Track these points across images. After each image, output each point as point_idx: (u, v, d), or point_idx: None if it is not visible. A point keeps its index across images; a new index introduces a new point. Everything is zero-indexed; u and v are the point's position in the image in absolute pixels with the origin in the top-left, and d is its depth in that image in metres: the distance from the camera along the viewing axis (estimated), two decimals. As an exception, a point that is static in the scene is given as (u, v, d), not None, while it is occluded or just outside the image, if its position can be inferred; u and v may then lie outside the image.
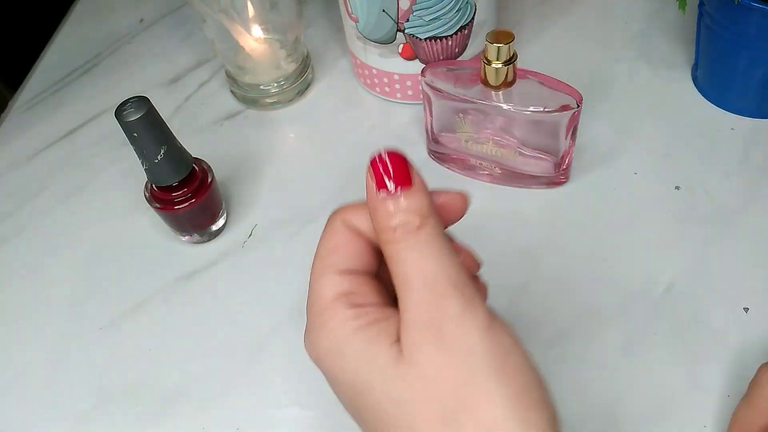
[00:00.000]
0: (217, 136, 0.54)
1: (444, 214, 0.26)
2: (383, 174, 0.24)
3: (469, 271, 0.28)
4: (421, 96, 0.46)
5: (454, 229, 0.29)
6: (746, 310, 0.39)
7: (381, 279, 0.27)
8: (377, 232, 0.25)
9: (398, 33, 0.48)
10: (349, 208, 0.27)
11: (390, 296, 0.27)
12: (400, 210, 0.24)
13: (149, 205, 0.43)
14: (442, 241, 0.24)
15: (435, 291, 0.23)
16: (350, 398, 0.25)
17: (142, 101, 0.38)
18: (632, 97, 0.52)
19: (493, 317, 0.24)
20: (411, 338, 0.23)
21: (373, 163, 0.25)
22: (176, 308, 0.43)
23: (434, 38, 0.47)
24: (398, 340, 0.23)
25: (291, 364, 0.40)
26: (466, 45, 0.49)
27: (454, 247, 0.26)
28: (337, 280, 0.25)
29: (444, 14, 0.46)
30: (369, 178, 0.25)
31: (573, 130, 0.42)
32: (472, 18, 0.48)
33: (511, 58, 0.40)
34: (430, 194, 0.25)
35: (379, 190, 0.24)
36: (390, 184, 0.24)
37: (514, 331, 0.24)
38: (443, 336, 0.22)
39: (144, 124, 0.38)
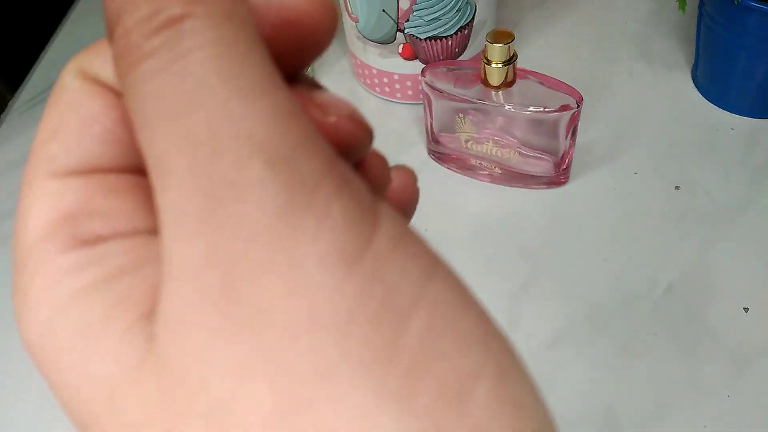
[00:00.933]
0: (217, 136, 0.54)
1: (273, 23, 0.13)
2: None
3: (372, 174, 0.15)
4: (421, 96, 0.46)
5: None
6: (746, 310, 0.39)
7: None
8: (111, 49, 0.12)
9: (398, 33, 0.48)
10: (92, 48, 0.13)
11: None
12: None
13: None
14: (246, 48, 0.11)
15: (215, 175, 0.10)
16: (74, 419, 0.12)
17: (142, 101, 0.38)
18: (632, 97, 0.52)
19: (375, 216, 0.11)
20: (169, 304, 0.11)
21: None
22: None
23: (434, 38, 0.48)
24: (144, 314, 0.12)
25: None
26: (466, 45, 0.49)
27: (319, 102, 0.13)
28: (57, 189, 0.13)
29: (444, 14, 0.46)
30: None
31: (573, 130, 0.42)
32: (472, 18, 0.48)
33: (511, 58, 0.40)
34: None
35: None
36: None
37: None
38: (238, 297, 0.10)
39: (144, 124, 0.38)
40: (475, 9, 0.47)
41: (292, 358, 0.10)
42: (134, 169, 0.13)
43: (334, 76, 0.57)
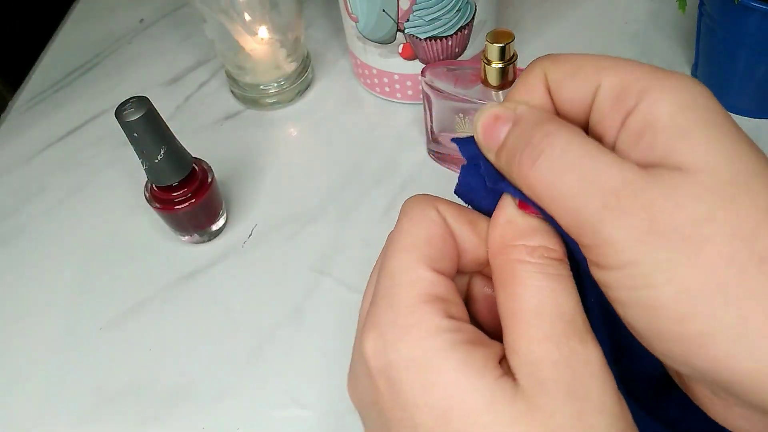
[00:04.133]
0: (217, 136, 0.54)
1: None
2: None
3: None
4: (421, 96, 0.46)
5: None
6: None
7: None
8: (499, 246, 0.21)
9: (398, 33, 0.48)
10: (446, 202, 0.23)
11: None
12: (545, 233, 0.20)
13: (149, 205, 0.43)
14: (577, 291, 0.20)
15: (573, 331, 0.19)
16: (428, 424, 0.19)
17: (142, 101, 0.38)
18: (632, 97, 0.52)
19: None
20: (535, 376, 0.19)
21: None
22: (176, 308, 0.43)
23: (434, 38, 0.48)
24: (505, 373, 0.19)
25: (291, 364, 0.40)
26: (466, 45, 0.49)
27: None
28: (433, 278, 0.21)
29: (444, 14, 0.46)
30: (512, 194, 0.21)
31: (573, 130, 0.42)
32: (472, 18, 0.48)
33: (511, 58, 0.40)
34: None
35: (522, 208, 0.21)
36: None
37: None
38: (576, 385, 0.19)
39: (144, 124, 0.38)
40: (475, 9, 0.47)
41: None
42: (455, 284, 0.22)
43: (334, 76, 0.57)
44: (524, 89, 0.22)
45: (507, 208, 0.21)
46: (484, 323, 0.24)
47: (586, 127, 0.21)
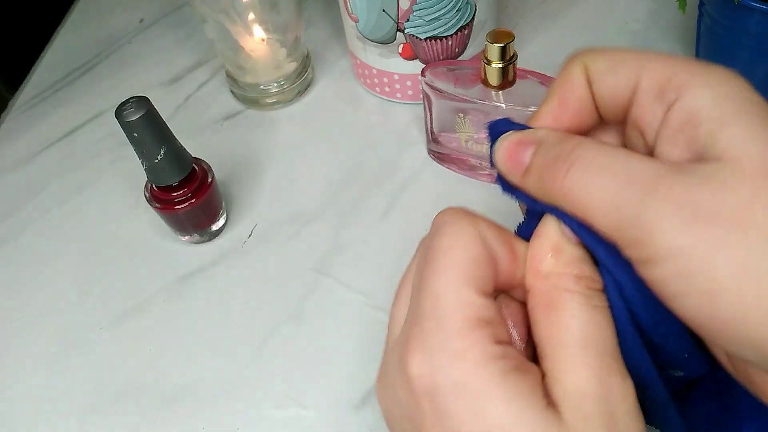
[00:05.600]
0: (217, 136, 0.54)
1: None
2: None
3: None
4: (421, 96, 0.46)
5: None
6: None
7: None
8: (545, 272, 0.21)
9: (398, 33, 0.48)
10: (485, 221, 0.22)
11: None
12: (590, 264, 0.21)
13: (149, 205, 0.43)
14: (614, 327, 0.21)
15: (615, 366, 0.20)
16: None
17: (142, 101, 0.38)
18: (632, 97, 0.52)
19: None
20: (579, 410, 0.19)
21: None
22: (176, 308, 0.43)
23: (434, 38, 0.48)
24: (549, 404, 0.19)
25: (291, 364, 0.40)
26: (466, 45, 0.49)
27: None
28: (481, 302, 0.20)
29: (444, 14, 0.46)
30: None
31: (573, 130, 0.42)
32: (472, 18, 0.48)
33: (511, 58, 0.40)
34: None
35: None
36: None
37: None
38: (614, 421, 0.19)
39: (144, 124, 0.38)
40: (475, 9, 0.47)
41: None
42: (496, 292, 0.22)
43: (334, 76, 0.57)
44: (567, 82, 0.23)
45: (551, 233, 0.21)
46: None
47: (623, 124, 0.22)
